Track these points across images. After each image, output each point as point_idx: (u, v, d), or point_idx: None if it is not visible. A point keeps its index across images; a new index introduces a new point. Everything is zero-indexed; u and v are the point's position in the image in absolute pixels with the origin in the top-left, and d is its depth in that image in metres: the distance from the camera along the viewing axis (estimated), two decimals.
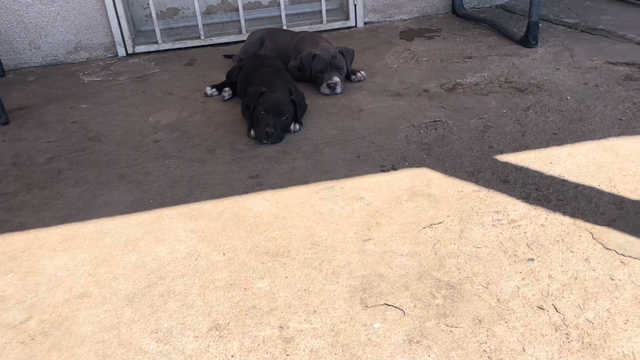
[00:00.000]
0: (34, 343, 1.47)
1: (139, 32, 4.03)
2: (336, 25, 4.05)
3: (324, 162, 2.27)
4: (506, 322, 1.43)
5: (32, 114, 2.98)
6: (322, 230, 1.85)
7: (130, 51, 3.84)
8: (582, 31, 3.52)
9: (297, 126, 2.56)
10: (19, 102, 3.16)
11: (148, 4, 3.90)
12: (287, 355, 1.38)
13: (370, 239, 1.79)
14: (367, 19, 4.11)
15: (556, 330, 1.40)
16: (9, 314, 1.58)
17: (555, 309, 1.46)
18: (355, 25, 4.07)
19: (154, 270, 1.72)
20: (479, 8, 4.23)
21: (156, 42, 3.86)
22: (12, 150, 2.58)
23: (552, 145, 2.24)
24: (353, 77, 3.06)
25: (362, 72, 3.08)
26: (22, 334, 1.51)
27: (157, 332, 1.48)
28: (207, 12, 4.07)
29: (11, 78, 3.58)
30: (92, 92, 3.22)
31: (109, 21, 3.76)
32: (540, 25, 3.38)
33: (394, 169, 2.18)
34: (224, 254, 1.77)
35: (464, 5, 4.09)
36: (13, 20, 3.66)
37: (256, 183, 2.16)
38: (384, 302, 1.52)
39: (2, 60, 3.67)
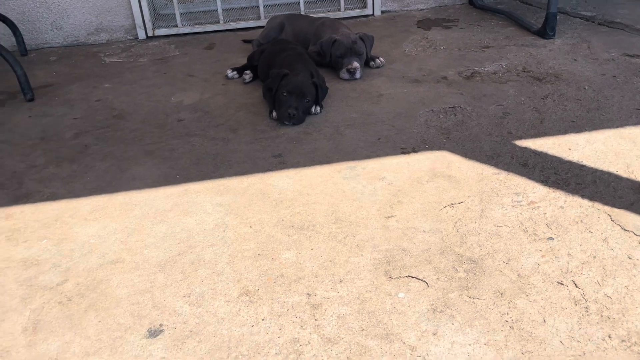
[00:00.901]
0: (71, 303, 1.53)
1: (159, 16, 4.08)
2: (353, 13, 4.08)
3: (345, 144, 2.32)
4: (527, 295, 1.48)
5: (56, 92, 3.03)
6: (345, 207, 1.90)
7: (150, 34, 3.89)
8: (599, 24, 3.55)
9: (318, 109, 2.60)
10: (42, 80, 3.22)
11: None
12: (316, 320, 1.44)
13: (392, 215, 1.84)
14: (384, 8, 4.14)
15: (576, 304, 1.45)
16: (45, 277, 1.64)
17: (575, 284, 1.51)
18: (373, 14, 4.10)
19: (184, 239, 1.77)
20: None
21: (176, 26, 3.90)
22: (40, 125, 2.64)
23: (570, 133, 2.28)
24: (372, 63, 3.10)
25: (381, 59, 3.12)
26: (59, 295, 1.57)
27: (189, 296, 1.53)
28: None
29: (34, 57, 3.64)
30: (114, 73, 3.28)
31: (130, 4, 3.81)
32: (557, 17, 3.40)
33: (415, 151, 2.23)
34: (250, 227, 1.82)
35: None
36: (37, 1, 3.71)
37: (279, 162, 2.21)
38: (407, 274, 1.58)
39: (24, 40, 3.72)
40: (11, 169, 2.26)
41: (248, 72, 3.05)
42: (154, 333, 1.42)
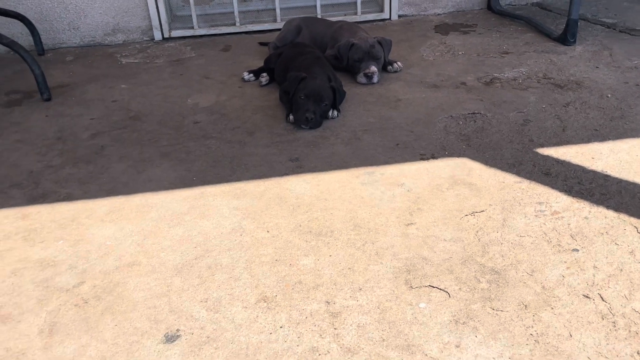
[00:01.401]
0: (88, 306, 1.52)
1: (175, 17, 4.08)
2: (370, 17, 4.05)
3: (363, 149, 2.29)
4: (552, 308, 1.44)
5: (73, 92, 3.04)
6: (364, 214, 1.87)
7: (166, 35, 3.89)
8: (620, 31, 3.49)
9: (335, 113, 2.58)
10: (59, 80, 3.22)
11: None
12: (335, 328, 1.41)
13: (412, 223, 1.81)
14: (401, 12, 4.11)
15: (603, 318, 1.41)
16: (61, 278, 1.63)
17: (602, 298, 1.47)
18: (390, 18, 4.08)
19: (200, 243, 1.75)
20: (515, 5, 4.21)
21: (192, 28, 3.90)
22: (56, 125, 2.64)
23: (594, 141, 2.23)
24: (389, 67, 3.07)
25: (399, 63, 3.09)
26: (75, 297, 1.55)
27: (206, 301, 1.51)
28: None
29: (50, 57, 3.65)
30: (130, 73, 3.27)
31: (147, 5, 3.81)
32: (578, 23, 3.35)
33: (434, 157, 2.19)
34: (268, 231, 1.80)
35: (500, 2, 4.07)
36: (54, 1, 3.73)
37: (296, 166, 2.19)
38: (428, 284, 1.54)
39: (42, 39, 3.74)
40: (28, 169, 2.26)
41: (265, 74, 3.03)
42: (170, 338, 1.40)
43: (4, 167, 2.28)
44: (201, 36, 3.89)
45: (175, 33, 3.89)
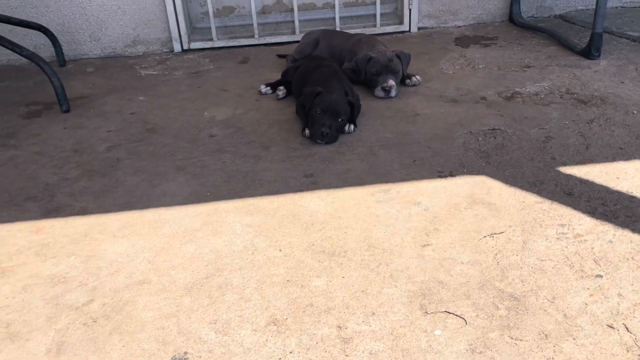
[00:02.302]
0: (96, 325, 1.50)
1: (195, 29, 4.10)
2: (389, 29, 4.02)
3: (379, 165, 2.25)
4: (574, 338, 1.38)
5: (92, 104, 3.06)
6: (379, 233, 1.83)
7: (185, 47, 3.91)
8: None
9: (352, 127, 2.54)
10: (79, 91, 3.25)
11: (205, 2, 3.97)
12: (346, 355, 1.36)
13: (428, 244, 1.76)
14: (421, 24, 4.07)
15: (627, 351, 1.34)
16: (71, 295, 1.61)
17: (627, 328, 1.40)
18: (409, 30, 4.04)
19: (212, 261, 1.73)
20: (537, 17, 4.14)
21: (211, 39, 3.91)
22: (74, 137, 2.66)
23: (619, 160, 2.16)
24: (408, 81, 3.03)
25: (418, 77, 3.05)
26: (84, 315, 1.54)
27: (215, 323, 1.48)
28: (262, 11, 4.11)
29: (71, 68, 3.69)
30: (149, 85, 3.29)
31: (167, 17, 3.84)
32: (603, 37, 3.27)
33: (452, 175, 2.14)
34: (280, 250, 1.76)
35: (522, 14, 4.01)
36: (76, 12, 3.78)
37: (311, 182, 2.16)
38: (444, 310, 1.49)
39: (63, 51, 3.78)
40: (44, 181, 2.27)
41: (282, 87, 3.01)
42: None
43: (21, 179, 2.29)
44: (220, 48, 3.90)
45: (195, 45, 3.91)
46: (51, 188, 2.22)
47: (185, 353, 1.39)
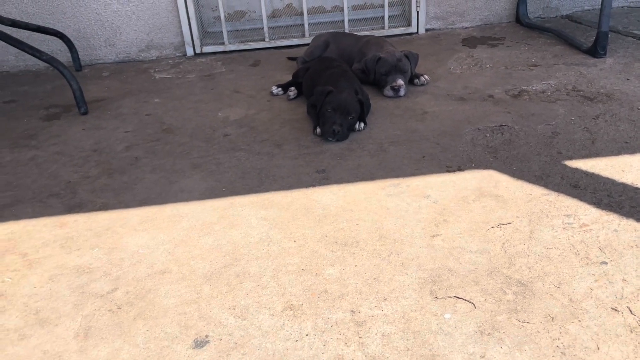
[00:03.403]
0: (121, 312, 1.57)
1: (207, 33, 4.20)
2: (397, 31, 4.09)
3: (389, 161, 2.31)
4: (579, 320, 1.43)
5: (109, 106, 3.15)
6: (390, 225, 1.89)
7: (198, 51, 4.00)
8: None
9: (362, 125, 2.61)
10: (96, 94, 3.35)
11: (217, 7, 4.07)
12: (360, 337, 1.42)
13: (438, 234, 1.82)
14: (428, 26, 4.14)
15: (631, 332, 1.39)
16: (96, 284, 1.69)
17: (630, 311, 1.45)
18: (417, 32, 4.10)
19: (229, 252, 1.80)
20: (544, 18, 4.19)
21: (223, 43, 4.00)
22: (93, 138, 2.75)
23: (624, 154, 2.21)
24: (416, 80, 3.10)
25: (426, 76, 3.11)
26: (109, 302, 1.61)
27: (234, 309, 1.55)
28: (273, 15, 4.20)
29: (87, 72, 3.80)
30: (163, 88, 3.38)
31: (179, 22, 3.94)
32: (609, 35, 3.32)
33: (460, 169, 2.20)
34: (294, 241, 1.83)
35: (529, 15, 4.06)
36: (92, 19, 3.88)
37: (323, 177, 2.22)
38: (454, 295, 1.55)
39: (79, 56, 3.89)
40: (66, 179, 2.35)
41: (293, 88, 3.09)
42: (200, 344, 1.44)
43: (44, 178, 2.38)
44: (231, 51, 3.99)
45: (207, 49, 4.00)
46: (73, 186, 2.30)
47: (207, 336, 1.46)
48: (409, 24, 4.10)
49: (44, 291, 1.68)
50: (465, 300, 1.53)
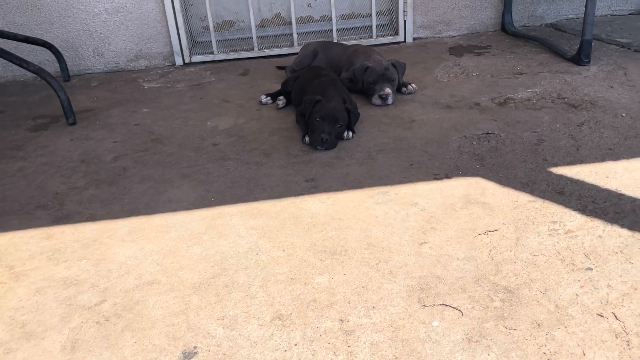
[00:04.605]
0: (109, 323, 1.56)
1: (196, 43, 4.21)
2: (385, 40, 4.13)
3: (377, 169, 2.33)
4: (565, 327, 1.45)
5: (97, 116, 3.14)
6: (378, 233, 1.90)
7: (187, 60, 4.01)
8: (635, 51, 3.50)
9: (350, 134, 2.63)
10: (84, 104, 3.34)
11: (206, 17, 4.08)
12: (349, 346, 1.43)
13: (425, 242, 1.83)
14: (416, 35, 4.18)
15: (616, 337, 1.40)
16: (84, 296, 1.68)
17: (615, 317, 1.47)
18: (405, 41, 4.14)
19: (218, 262, 1.80)
20: (529, 26, 4.25)
21: (212, 53, 4.02)
22: (81, 148, 2.74)
23: (608, 160, 2.24)
24: (404, 89, 3.12)
25: (413, 85, 3.14)
26: (97, 314, 1.60)
27: (223, 319, 1.55)
28: (261, 25, 4.22)
29: (76, 83, 3.79)
30: (152, 98, 3.38)
31: (168, 32, 3.94)
32: (592, 44, 3.37)
33: (448, 177, 2.22)
34: (283, 250, 1.83)
35: (514, 23, 4.12)
36: (80, 29, 3.88)
37: (312, 186, 2.23)
38: (441, 302, 1.56)
39: (68, 66, 3.88)
40: (53, 190, 2.34)
41: (282, 97, 3.10)
42: (188, 355, 1.44)
43: (31, 189, 2.37)
44: (220, 61, 4.01)
45: (196, 58, 4.01)
46: (60, 197, 2.29)
47: (195, 347, 1.46)
48: (397, 33, 4.14)
49: (30, 304, 1.67)
50: (453, 307, 1.54)
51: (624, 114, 2.63)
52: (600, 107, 2.73)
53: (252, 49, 4.03)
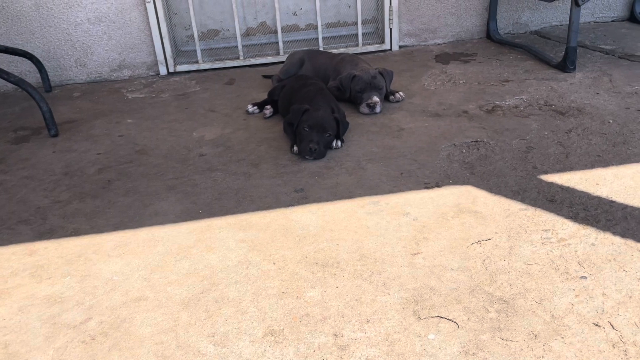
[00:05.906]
0: (95, 343, 1.51)
1: (180, 52, 4.16)
2: (371, 48, 4.12)
3: (367, 178, 2.30)
4: (562, 337, 1.43)
5: (80, 128, 3.08)
6: (370, 244, 1.87)
7: (171, 70, 3.96)
8: (619, 57, 3.54)
9: (339, 143, 2.60)
10: (66, 116, 3.27)
11: (190, 26, 4.04)
12: None
13: (418, 253, 1.80)
14: (402, 43, 4.18)
15: (614, 347, 1.39)
16: (68, 315, 1.63)
17: (612, 326, 1.45)
18: (391, 49, 4.14)
19: (207, 277, 1.75)
20: (514, 34, 4.28)
21: (197, 62, 3.97)
22: (63, 160, 2.67)
23: (597, 167, 2.24)
24: (392, 97, 3.11)
25: (401, 93, 3.13)
26: (82, 333, 1.55)
27: (213, 336, 1.51)
28: (247, 33, 4.19)
29: (57, 93, 3.72)
30: (136, 108, 3.32)
31: (152, 41, 3.89)
32: (577, 50, 3.40)
33: (438, 186, 2.20)
34: (274, 263, 1.80)
35: (499, 31, 4.14)
36: (62, 39, 3.81)
37: (301, 197, 2.20)
38: (437, 315, 1.53)
39: (49, 77, 3.81)
40: (35, 205, 2.28)
41: (268, 107, 3.07)
42: None
43: (12, 203, 2.30)
44: (206, 70, 3.96)
45: (180, 67, 3.96)
46: (43, 211, 2.23)
47: None
48: (383, 41, 4.14)
49: (13, 323, 1.61)
50: (449, 319, 1.51)
51: (611, 121, 2.65)
52: (587, 113, 2.75)
53: (238, 58, 3.99)
